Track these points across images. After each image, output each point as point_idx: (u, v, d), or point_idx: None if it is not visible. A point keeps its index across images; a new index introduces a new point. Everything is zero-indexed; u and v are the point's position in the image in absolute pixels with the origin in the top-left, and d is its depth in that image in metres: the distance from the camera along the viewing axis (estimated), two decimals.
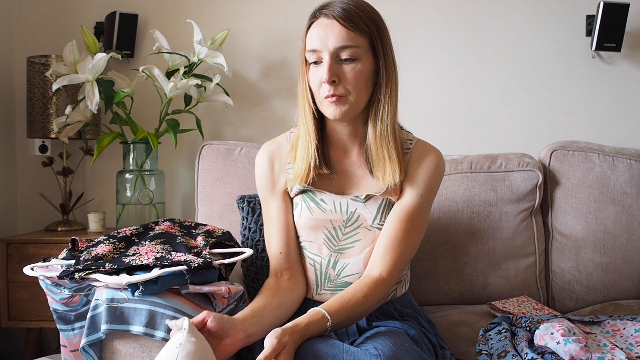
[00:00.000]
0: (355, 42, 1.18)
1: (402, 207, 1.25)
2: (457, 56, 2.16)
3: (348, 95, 1.19)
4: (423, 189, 1.27)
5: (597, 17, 2.01)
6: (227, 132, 2.21)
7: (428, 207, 1.29)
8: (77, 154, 2.20)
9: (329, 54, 1.17)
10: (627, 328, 1.38)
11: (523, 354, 1.22)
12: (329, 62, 1.17)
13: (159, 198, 2.05)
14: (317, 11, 1.21)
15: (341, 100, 1.19)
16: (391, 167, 1.23)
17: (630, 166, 1.80)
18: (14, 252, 1.91)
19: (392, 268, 1.22)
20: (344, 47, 1.17)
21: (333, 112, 1.20)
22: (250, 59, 2.19)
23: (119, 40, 2.11)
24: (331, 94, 1.18)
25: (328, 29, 1.17)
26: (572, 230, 1.78)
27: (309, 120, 1.25)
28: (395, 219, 1.24)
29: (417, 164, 1.28)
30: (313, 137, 1.25)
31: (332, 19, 1.18)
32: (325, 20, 1.18)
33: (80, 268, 1.16)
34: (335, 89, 1.18)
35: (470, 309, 1.65)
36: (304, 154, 1.26)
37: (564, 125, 2.15)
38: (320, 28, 1.18)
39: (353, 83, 1.19)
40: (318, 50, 1.18)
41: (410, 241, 1.25)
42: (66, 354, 1.27)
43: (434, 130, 2.13)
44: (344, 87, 1.18)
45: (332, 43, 1.17)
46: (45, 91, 2.01)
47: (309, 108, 1.24)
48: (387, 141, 1.23)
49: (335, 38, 1.17)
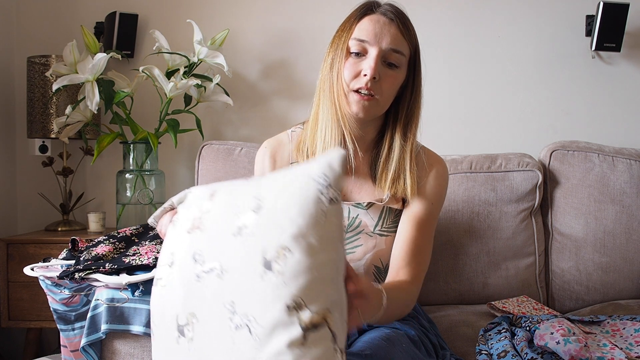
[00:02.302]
0: (404, 50, 1.19)
1: (415, 215, 1.25)
2: (457, 56, 2.16)
3: (380, 96, 1.18)
4: (433, 197, 1.27)
5: (597, 17, 2.01)
6: (227, 132, 2.21)
7: (438, 216, 1.30)
8: (77, 154, 2.20)
9: (378, 51, 1.16)
10: (627, 328, 1.38)
11: (523, 354, 1.22)
12: (376, 58, 1.16)
13: (159, 198, 2.05)
14: (372, 6, 1.20)
15: (371, 102, 1.17)
16: (410, 181, 1.22)
17: (630, 166, 1.80)
18: (14, 252, 1.91)
19: (419, 274, 1.21)
20: (394, 51, 1.17)
21: (359, 109, 1.17)
22: (250, 59, 2.19)
23: (119, 40, 2.11)
24: (367, 87, 1.16)
25: (385, 27, 1.17)
26: (572, 230, 1.78)
27: (343, 107, 1.19)
28: (411, 227, 1.24)
29: (425, 174, 1.28)
30: (347, 125, 1.19)
31: (390, 20, 1.18)
32: (384, 19, 1.18)
33: (80, 268, 1.16)
34: (373, 86, 1.16)
35: (470, 309, 1.65)
36: (333, 145, 1.20)
37: (564, 125, 2.15)
38: (377, 24, 1.18)
39: (388, 89, 1.18)
40: (368, 42, 1.17)
41: (428, 247, 1.26)
42: (66, 354, 1.27)
43: (434, 130, 2.12)
44: (380, 88, 1.17)
45: (386, 43, 1.16)
46: (45, 91, 2.01)
47: (343, 95, 1.18)
48: (411, 155, 1.23)
49: (391, 39, 1.17)
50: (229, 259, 0.81)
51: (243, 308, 0.78)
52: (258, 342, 0.76)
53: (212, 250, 0.84)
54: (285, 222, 0.77)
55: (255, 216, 0.80)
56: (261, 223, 0.79)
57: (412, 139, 1.24)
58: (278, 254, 0.76)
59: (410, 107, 1.23)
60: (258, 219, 0.80)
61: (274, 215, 0.79)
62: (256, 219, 0.80)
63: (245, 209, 0.82)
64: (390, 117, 1.26)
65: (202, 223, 0.88)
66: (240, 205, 0.84)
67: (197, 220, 0.89)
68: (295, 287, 0.75)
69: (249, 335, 0.77)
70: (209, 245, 0.85)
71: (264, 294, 0.76)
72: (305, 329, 0.74)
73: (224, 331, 0.80)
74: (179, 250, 0.90)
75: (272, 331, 0.75)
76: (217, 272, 0.82)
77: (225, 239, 0.83)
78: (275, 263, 0.76)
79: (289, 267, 0.75)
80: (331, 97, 1.20)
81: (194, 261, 0.86)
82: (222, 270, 0.81)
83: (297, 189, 0.79)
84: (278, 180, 0.84)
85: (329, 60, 1.22)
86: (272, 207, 0.80)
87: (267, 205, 0.80)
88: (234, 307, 0.79)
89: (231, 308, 0.79)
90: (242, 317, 0.78)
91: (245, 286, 0.78)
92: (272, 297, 0.75)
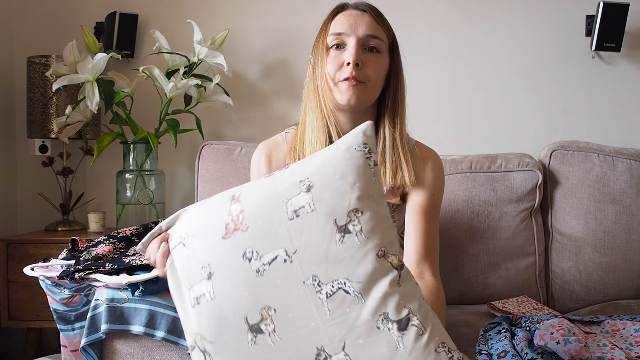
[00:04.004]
0: (381, 35, 1.22)
1: (421, 207, 1.27)
2: (457, 56, 2.16)
3: (367, 82, 1.20)
4: (434, 188, 1.30)
5: (597, 17, 2.01)
6: (227, 132, 2.21)
7: (440, 205, 1.33)
8: (77, 154, 2.20)
9: (356, 39, 1.19)
10: (627, 328, 1.38)
11: (523, 354, 1.22)
12: (356, 46, 1.19)
13: (159, 198, 2.05)
14: (343, 4, 1.25)
15: (360, 86, 1.19)
16: (407, 168, 1.24)
17: (630, 166, 1.80)
18: (14, 252, 1.91)
19: (436, 266, 1.25)
20: (372, 37, 1.20)
21: (350, 96, 1.19)
22: (250, 59, 2.19)
23: (119, 40, 2.11)
24: (353, 76, 1.18)
25: (358, 17, 1.21)
26: (571, 230, 1.78)
27: (329, 107, 1.22)
28: (419, 218, 1.26)
29: (422, 166, 1.29)
30: (333, 127, 1.23)
31: (363, 11, 1.22)
32: (356, 12, 1.22)
33: (80, 268, 1.16)
34: (357, 72, 1.18)
35: (470, 309, 1.65)
36: (318, 146, 1.23)
37: (564, 125, 2.15)
38: (350, 16, 1.22)
39: (374, 72, 1.20)
40: (344, 33, 1.20)
41: (437, 236, 1.29)
42: (66, 354, 1.27)
43: (434, 130, 2.13)
44: (366, 73, 1.19)
45: (362, 30, 1.20)
46: (45, 91, 2.01)
47: (329, 90, 1.21)
48: (403, 143, 1.25)
49: (366, 26, 1.20)
50: (294, 240, 0.89)
51: (329, 275, 0.87)
52: (359, 296, 0.87)
53: (266, 241, 0.91)
54: (346, 189, 0.89)
55: (308, 195, 0.90)
56: (319, 198, 0.90)
57: (401, 126, 1.26)
58: (350, 217, 0.88)
59: (395, 95, 1.26)
60: (313, 196, 0.90)
61: (331, 187, 0.90)
62: (310, 197, 0.90)
63: (292, 194, 0.91)
64: (381, 109, 1.28)
65: (241, 223, 0.93)
66: (284, 194, 0.92)
67: (233, 224, 0.94)
68: (378, 238, 0.88)
69: (347, 295, 0.87)
70: (261, 239, 0.91)
71: (350, 254, 0.87)
72: (397, 269, 0.89)
73: (315, 305, 0.88)
74: (214, 259, 0.94)
75: (371, 281, 0.87)
76: (282, 257, 0.89)
77: (281, 226, 0.90)
78: (351, 225, 0.88)
79: (364, 225, 0.88)
80: (316, 97, 1.23)
81: (247, 259, 0.91)
82: (289, 254, 0.89)
83: (345, 160, 0.91)
84: (312, 163, 0.94)
85: (311, 64, 1.26)
86: (325, 182, 0.90)
87: (318, 183, 0.90)
88: (318, 279, 0.88)
89: (314, 281, 0.88)
90: (333, 283, 0.87)
91: (323, 256, 0.88)
92: (360, 253, 0.87)
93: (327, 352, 0.87)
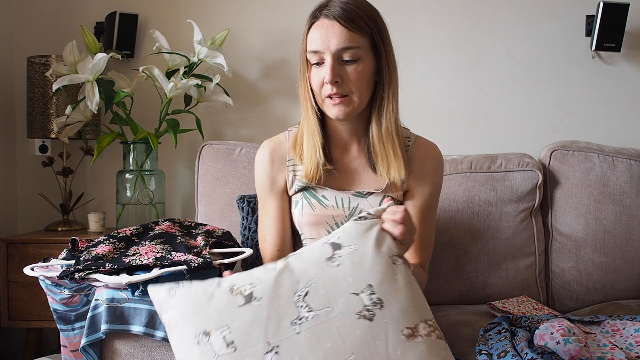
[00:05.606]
0: (357, 42, 1.18)
1: (417, 207, 1.30)
2: (457, 56, 2.16)
3: (351, 95, 1.20)
4: (433, 185, 1.32)
5: (597, 17, 2.01)
6: (227, 132, 2.21)
7: (438, 200, 1.36)
8: (77, 154, 2.20)
9: (331, 56, 1.17)
10: (627, 328, 1.38)
11: (523, 354, 1.22)
12: (332, 63, 1.17)
13: (159, 198, 2.05)
14: (317, 11, 1.21)
15: (344, 101, 1.20)
16: (396, 164, 1.25)
17: (630, 166, 1.80)
18: (14, 252, 1.91)
19: (425, 263, 1.31)
20: (345, 49, 1.17)
21: (337, 112, 1.21)
22: (250, 59, 2.19)
23: (119, 40, 2.11)
24: (334, 93, 1.19)
25: (329, 30, 1.18)
26: (572, 230, 1.78)
27: (312, 121, 1.26)
28: (414, 212, 1.29)
29: (421, 160, 1.31)
30: (318, 137, 1.26)
31: (333, 20, 1.18)
32: (326, 21, 1.18)
33: (80, 268, 1.16)
34: (338, 88, 1.19)
35: (470, 309, 1.65)
36: (311, 153, 1.26)
37: (564, 125, 2.15)
38: (322, 29, 1.18)
39: (356, 83, 1.19)
40: (320, 51, 1.19)
41: (432, 234, 1.34)
42: (66, 354, 1.27)
43: (434, 130, 2.11)
44: (347, 87, 1.19)
45: (334, 45, 1.17)
46: (45, 91, 2.01)
47: (311, 108, 1.25)
48: (392, 138, 1.25)
49: (337, 39, 1.17)
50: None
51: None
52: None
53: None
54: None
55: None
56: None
57: (386, 122, 1.24)
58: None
59: (385, 89, 1.24)
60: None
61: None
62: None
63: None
64: (373, 103, 1.27)
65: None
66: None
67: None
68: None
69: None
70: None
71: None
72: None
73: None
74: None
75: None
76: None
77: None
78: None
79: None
80: (305, 104, 1.26)
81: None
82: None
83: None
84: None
85: (300, 71, 1.26)
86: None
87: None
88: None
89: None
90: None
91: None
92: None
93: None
